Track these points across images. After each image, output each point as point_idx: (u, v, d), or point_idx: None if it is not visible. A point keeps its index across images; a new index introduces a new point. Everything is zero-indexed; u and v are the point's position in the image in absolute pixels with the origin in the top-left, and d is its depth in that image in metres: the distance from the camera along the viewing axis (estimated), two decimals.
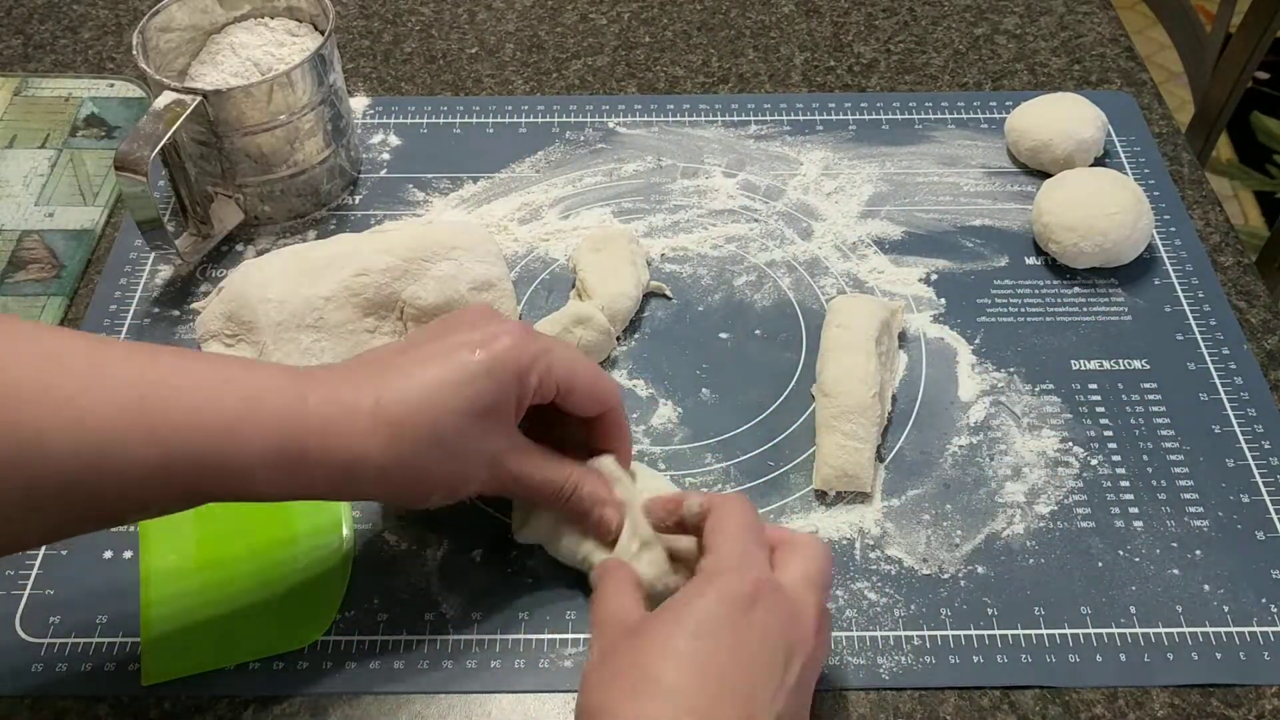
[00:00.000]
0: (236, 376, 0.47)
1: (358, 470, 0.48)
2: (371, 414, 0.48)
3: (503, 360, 0.50)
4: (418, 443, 0.48)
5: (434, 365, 0.49)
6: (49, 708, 0.53)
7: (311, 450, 0.47)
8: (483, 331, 0.51)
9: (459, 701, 0.53)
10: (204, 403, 0.46)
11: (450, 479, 0.51)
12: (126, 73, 0.86)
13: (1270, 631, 0.55)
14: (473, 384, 0.49)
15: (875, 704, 0.53)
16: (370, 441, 0.47)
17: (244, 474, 0.46)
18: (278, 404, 0.47)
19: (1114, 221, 0.69)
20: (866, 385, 0.61)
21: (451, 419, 0.49)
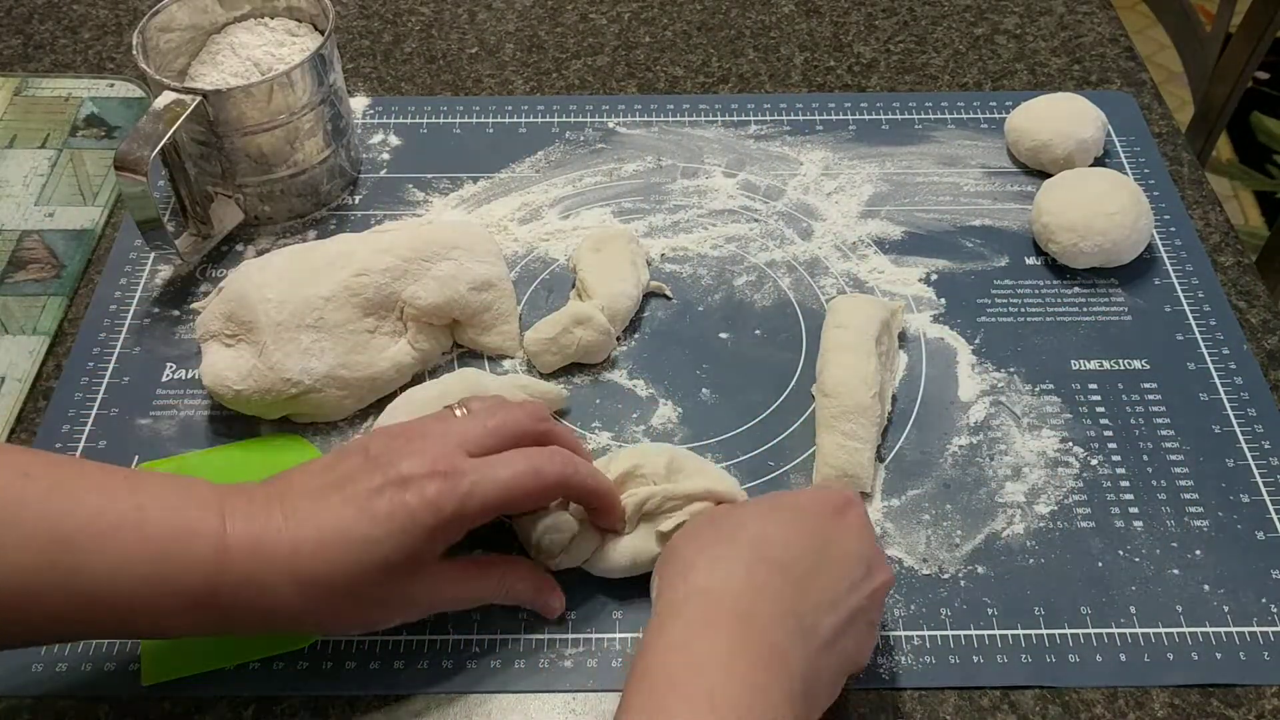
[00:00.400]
0: (157, 515, 0.47)
1: (272, 618, 0.48)
2: (286, 567, 0.47)
3: (425, 513, 0.48)
4: (332, 595, 0.48)
5: (352, 515, 0.48)
6: (49, 708, 0.53)
7: (224, 600, 0.47)
8: (407, 471, 0.48)
9: (459, 701, 0.53)
10: (116, 556, 0.46)
11: (368, 622, 0.51)
12: (126, 73, 0.86)
13: (1270, 631, 0.55)
14: (390, 540, 0.48)
15: (875, 704, 0.53)
16: (285, 593, 0.47)
17: (159, 622, 0.47)
18: (199, 549, 0.47)
19: (1114, 221, 0.69)
20: (866, 385, 0.61)
21: (367, 574, 0.48)
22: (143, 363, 0.67)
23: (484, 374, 0.64)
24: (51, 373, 0.66)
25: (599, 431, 0.63)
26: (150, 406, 0.64)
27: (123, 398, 0.65)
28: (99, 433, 0.63)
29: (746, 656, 0.43)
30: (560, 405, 0.64)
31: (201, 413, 0.64)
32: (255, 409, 0.62)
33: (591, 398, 0.65)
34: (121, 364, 0.66)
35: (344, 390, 0.62)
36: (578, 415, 0.64)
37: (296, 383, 0.61)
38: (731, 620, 0.45)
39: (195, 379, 0.65)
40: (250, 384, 0.61)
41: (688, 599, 0.46)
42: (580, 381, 0.66)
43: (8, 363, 0.66)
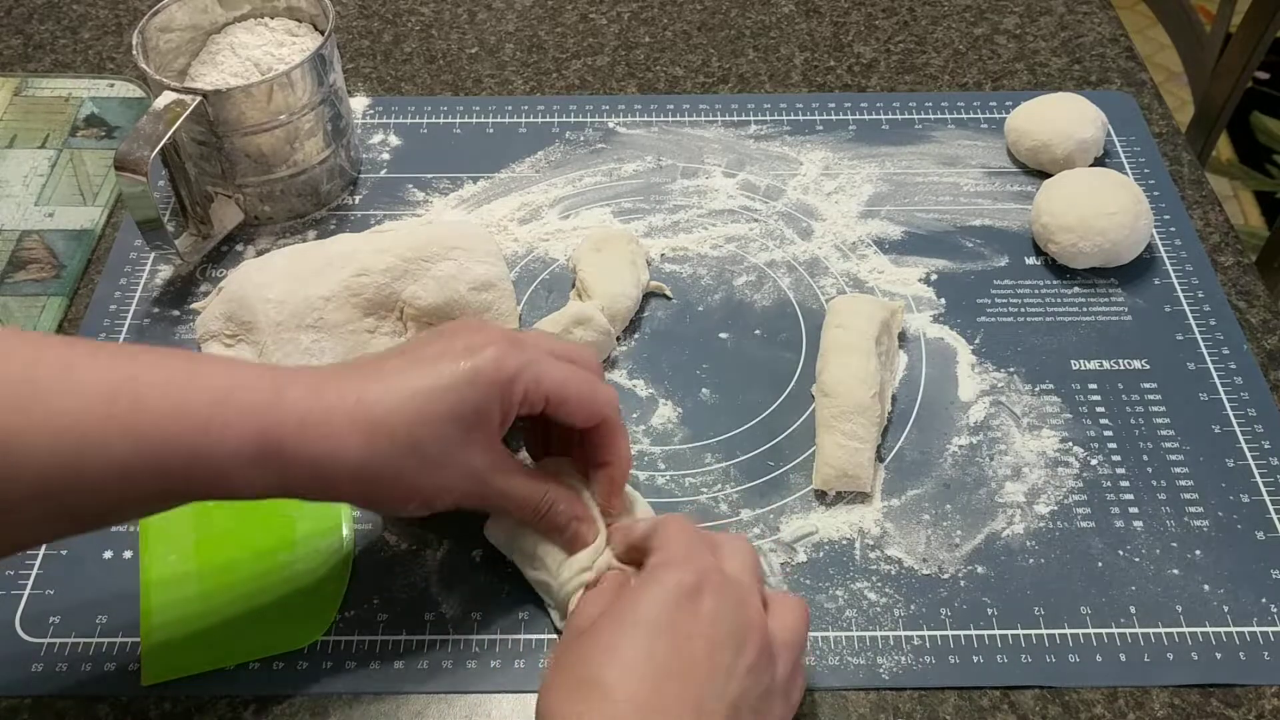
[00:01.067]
0: (211, 372, 0.47)
1: (333, 469, 0.47)
2: (349, 413, 0.47)
3: (487, 370, 0.49)
4: (395, 446, 0.48)
5: (416, 371, 0.49)
6: (49, 708, 0.53)
7: (288, 446, 0.46)
8: (469, 341, 0.50)
9: (459, 701, 0.53)
10: (177, 397, 0.45)
11: (426, 487, 0.50)
12: (126, 73, 0.86)
13: (1270, 631, 0.55)
14: (454, 392, 0.48)
15: (875, 704, 0.53)
16: (347, 441, 0.47)
17: (219, 469, 0.46)
18: (253, 399, 0.46)
19: (1113, 221, 0.69)
20: (866, 385, 0.61)
21: (431, 425, 0.48)
22: None
23: None
24: None
25: None
26: None
27: None
28: None
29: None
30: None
31: None
32: None
33: None
34: None
35: None
36: None
37: None
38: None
39: None
40: None
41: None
42: None
43: None
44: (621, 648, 0.44)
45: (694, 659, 0.44)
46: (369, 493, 0.50)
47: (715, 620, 0.45)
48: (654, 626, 0.45)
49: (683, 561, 0.47)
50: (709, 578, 0.47)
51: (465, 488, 0.51)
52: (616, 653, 0.44)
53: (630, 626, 0.45)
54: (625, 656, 0.44)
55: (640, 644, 0.44)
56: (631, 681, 0.43)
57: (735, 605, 0.47)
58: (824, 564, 0.57)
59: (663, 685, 0.43)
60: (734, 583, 0.48)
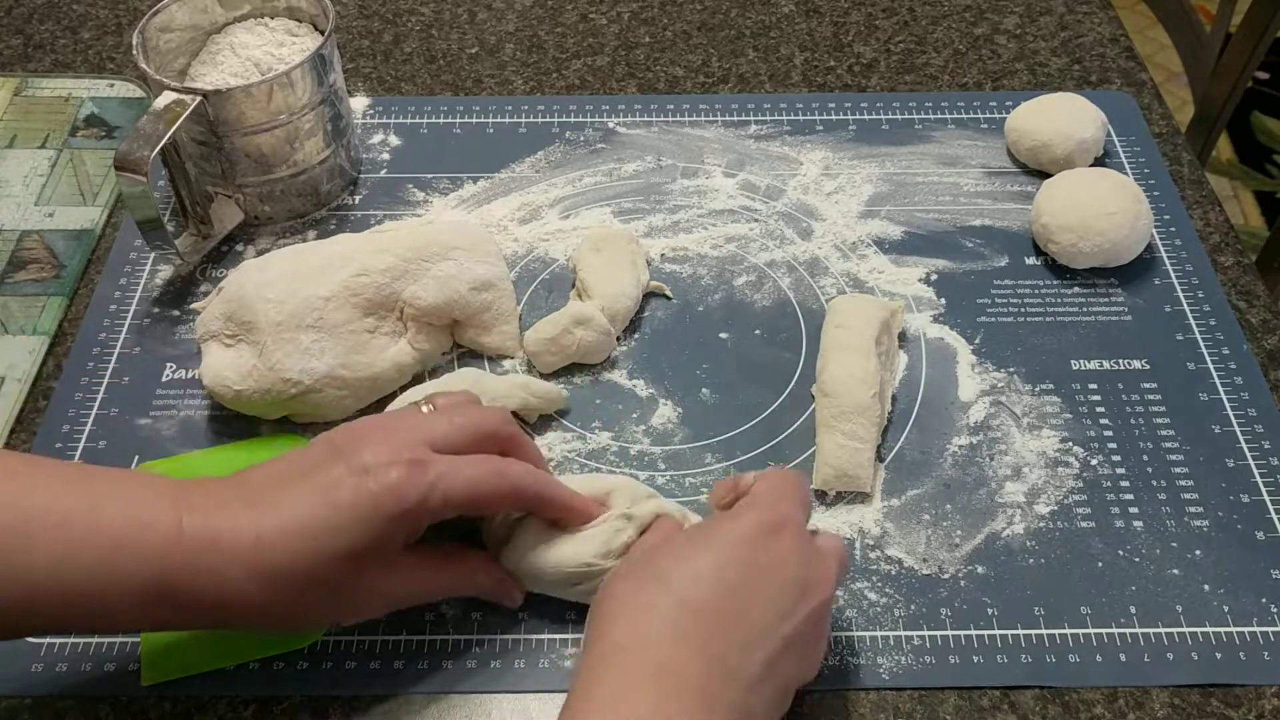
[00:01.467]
0: (111, 507, 0.46)
1: (235, 612, 0.47)
2: (246, 559, 0.46)
3: (388, 502, 0.47)
4: (293, 587, 0.47)
5: (313, 502, 0.47)
6: (49, 708, 0.53)
7: (183, 592, 0.46)
8: (370, 458, 0.48)
9: (459, 701, 0.53)
10: (77, 538, 0.45)
11: (333, 615, 0.51)
12: (126, 73, 0.86)
13: (1270, 631, 0.55)
14: (352, 528, 0.47)
15: (875, 704, 0.53)
16: (247, 588, 0.46)
17: (113, 610, 0.46)
18: (151, 542, 0.46)
19: (1113, 221, 0.69)
20: (866, 385, 0.61)
21: (329, 565, 0.47)
22: (143, 363, 0.67)
23: (484, 374, 0.64)
24: (51, 373, 0.66)
25: (599, 431, 0.63)
26: (150, 406, 0.64)
27: (123, 398, 0.65)
28: (99, 433, 0.63)
29: (671, 712, 0.42)
30: (560, 405, 0.64)
31: (201, 413, 0.64)
32: (255, 409, 0.62)
33: (591, 398, 0.65)
34: (121, 364, 0.66)
35: (344, 390, 0.62)
36: (578, 415, 0.64)
37: (296, 383, 0.61)
38: (655, 677, 0.43)
39: (195, 379, 0.65)
40: (250, 384, 0.61)
41: (610, 657, 0.44)
42: (580, 381, 0.66)
43: (8, 363, 0.66)
44: (694, 557, 0.46)
45: (758, 589, 0.46)
46: (273, 626, 0.51)
47: (788, 562, 0.47)
48: (730, 547, 0.47)
49: (770, 503, 0.49)
50: (789, 524, 0.48)
51: (378, 606, 0.52)
52: (689, 560, 0.46)
53: (708, 541, 0.47)
54: (696, 564, 0.46)
55: (713, 558, 0.46)
56: (695, 586, 0.45)
57: (809, 556, 0.48)
58: None
59: (723, 600, 0.45)
60: (814, 542, 0.49)
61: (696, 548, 0.47)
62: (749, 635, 0.45)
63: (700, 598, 0.45)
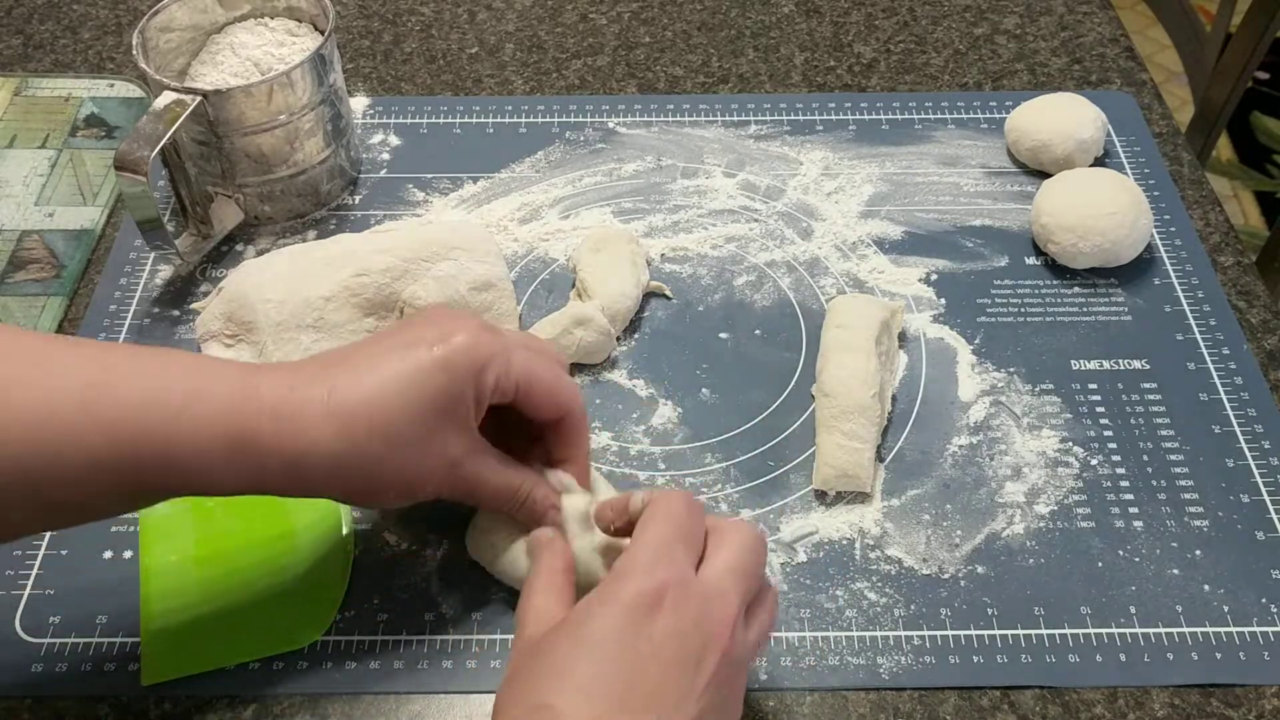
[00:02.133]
0: (185, 366, 0.47)
1: (309, 462, 0.47)
2: (323, 406, 0.47)
3: (459, 357, 0.49)
4: (371, 436, 0.47)
5: (389, 360, 0.48)
6: (49, 708, 0.53)
7: (262, 438, 0.46)
8: (440, 328, 0.49)
9: (459, 701, 0.53)
10: (151, 390, 0.45)
11: (403, 477, 0.49)
12: (126, 73, 0.86)
13: (1270, 631, 0.55)
14: (428, 380, 0.48)
15: (875, 704, 0.53)
16: (322, 432, 0.46)
17: (193, 464, 0.46)
18: (227, 392, 0.46)
19: (1112, 222, 0.69)
20: (866, 385, 0.61)
21: (405, 414, 0.48)
22: None
23: None
24: None
25: (599, 431, 0.63)
26: None
27: None
28: None
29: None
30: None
31: None
32: None
33: (591, 398, 0.65)
34: None
35: None
36: None
37: None
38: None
39: None
40: None
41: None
42: (580, 381, 0.66)
43: None
44: (574, 671, 0.42)
45: (649, 683, 0.42)
46: (346, 484, 0.49)
47: (672, 638, 0.43)
48: (607, 647, 0.43)
49: (645, 570, 0.45)
50: (668, 590, 0.44)
51: (442, 476, 0.50)
52: (569, 676, 0.42)
53: (585, 647, 0.43)
54: (578, 680, 0.42)
55: (593, 667, 0.42)
56: (579, 707, 0.41)
57: (696, 619, 0.44)
58: (824, 564, 0.57)
59: (614, 714, 0.41)
60: (700, 592, 0.45)
61: (577, 657, 0.43)
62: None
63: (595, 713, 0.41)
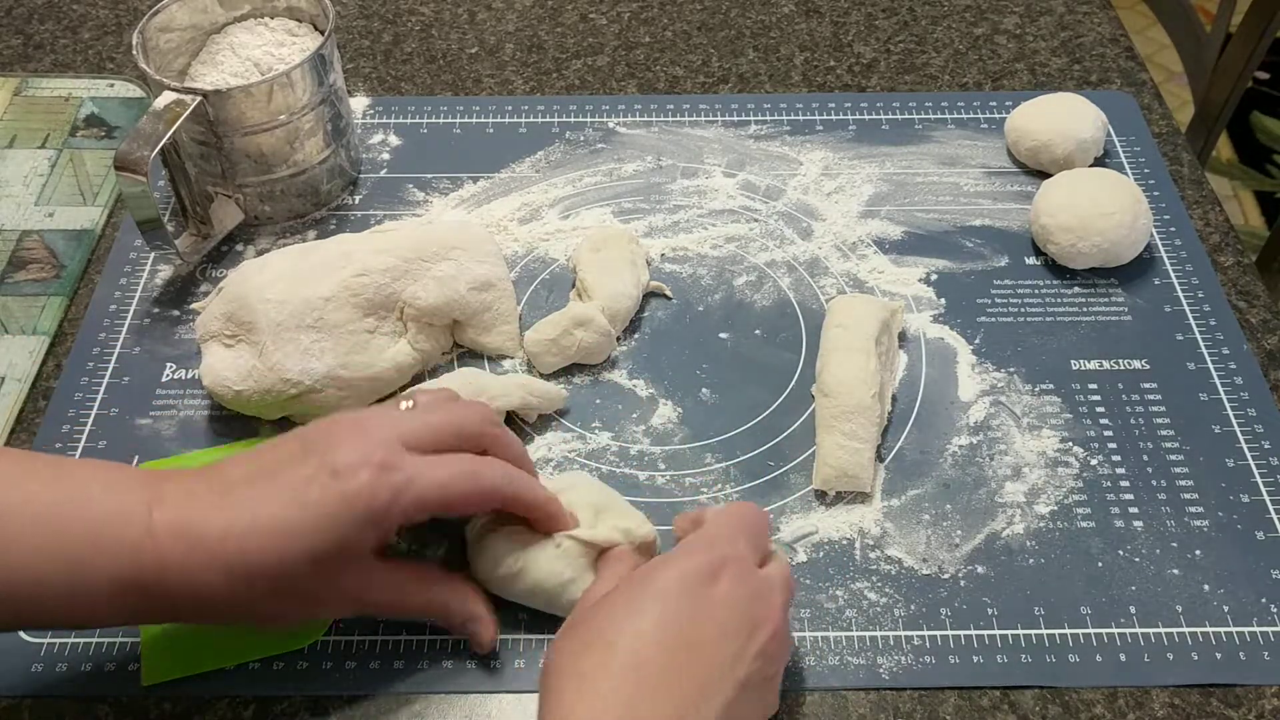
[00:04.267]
0: (85, 502, 0.47)
1: (202, 603, 0.48)
2: (213, 555, 0.46)
3: (358, 504, 0.47)
4: (263, 584, 0.47)
5: (282, 503, 0.47)
6: (49, 708, 0.53)
7: (153, 586, 0.46)
8: (341, 459, 0.47)
9: (459, 701, 0.53)
10: (52, 534, 0.46)
11: (301, 614, 0.51)
12: (126, 73, 0.86)
13: (1270, 631, 0.55)
14: (320, 530, 0.47)
15: (875, 704, 0.53)
16: (215, 582, 0.47)
17: (88, 603, 0.46)
18: (125, 534, 0.46)
19: (1111, 222, 0.69)
20: (866, 385, 0.61)
21: (296, 566, 0.47)
22: (143, 363, 0.67)
23: (484, 374, 0.64)
24: (51, 373, 0.66)
25: (599, 431, 0.63)
26: (150, 406, 0.64)
27: (123, 398, 0.65)
28: (99, 433, 0.63)
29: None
30: (560, 405, 0.64)
31: (201, 413, 0.64)
32: (255, 409, 0.62)
33: (591, 398, 0.65)
34: (121, 364, 0.66)
35: (344, 390, 0.62)
36: (577, 415, 0.64)
37: (296, 383, 0.61)
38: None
39: (195, 379, 0.65)
40: (250, 384, 0.61)
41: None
42: (580, 381, 0.66)
43: (8, 363, 0.66)
44: (635, 614, 0.45)
45: (703, 637, 0.45)
46: (247, 623, 0.51)
47: (729, 604, 0.46)
48: (669, 600, 0.46)
49: (708, 545, 0.48)
50: (729, 564, 0.47)
51: (343, 609, 0.52)
52: (630, 618, 0.45)
53: (646, 596, 0.46)
54: (637, 623, 0.45)
55: (653, 613, 0.45)
56: (640, 647, 0.44)
57: (752, 594, 0.47)
58: (824, 564, 0.57)
59: (670, 656, 0.44)
60: (758, 576, 0.48)
61: (635, 604, 0.46)
62: (701, 687, 0.44)
63: (646, 658, 0.44)
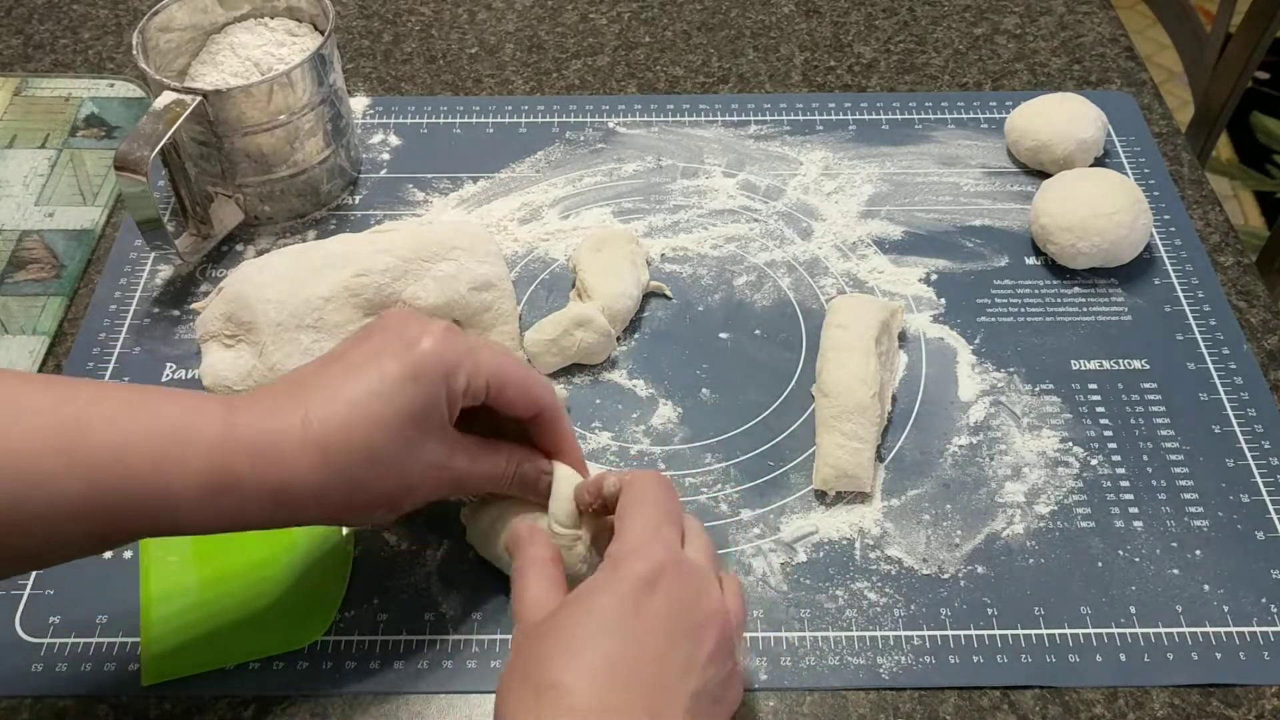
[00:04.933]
0: (160, 405, 0.46)
1: (292, 494, 0.47)
2: (300, 436, 0.46)
3: (427, 364, 0.48)
4: (350, 460, 0.47)
5: (359, 376, 0.48)
6: (49, 708, 0.53)
7: (243, 477, 0.46)
8: (405, 334, 0.49)
9: (459, 701, 0.53)
10: (128, 433, 0.45)
11: (390, 492, 0.50)
12: (126, 73, 0.86)
13: (1270, 631, 0.55)
14: (399, 392, 0.48)
15: (875, 704, 0.53)
16: (302, 463, 0.46)
17: (174, 504, 0.45)
18: (205, 432, 0.46)
19: (1111, 222, 0.69)
20: (866, 385, 0.61)
21: (383, 431, 0.47)
22: (143, 363, 0.67)
23: None
24: (51, 373, 0.66)
25: (599, 431, 0.63)
26: None
27: None
28: None
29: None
30: None
31: None
32: None
33: (591, 398, 0.65)
34: (121, 364, 0.66)
35: None
36: (578, 415, 0.64)
37: None
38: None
39: (195, 379, 0.65)
40: (250, 384, 0.61)
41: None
42: (580, 381, 0.66)
43: (8, 363, 0.66)
44: (577, 648, 0.44)
45: (651, 657, 0.44)
46: (331, 510, 0.49)
47: (672, 614, 0.45)
48: (609, 625, 0.44)
49: (640, 550, 0.46)
50: (665, 569, 0.46)
51: (429, 482, 0.51)
52: (573, 654, 0.44)
53: (585, 626, 0.44)
54: (582, 658, 0.43)
55: (596, 644, 0.44)
56: (588, 684, 0.43)
57: (693, 596, 0.46)
58: (824, 564, 0.57)
59: (620, 687, 0.43)
60: (692, 570, 0.47)
61: (578, 637, 0.44)
62: (655, 711, 0.43)
63: (590, 699, 0.42)
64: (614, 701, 0.42)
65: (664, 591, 0.45)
